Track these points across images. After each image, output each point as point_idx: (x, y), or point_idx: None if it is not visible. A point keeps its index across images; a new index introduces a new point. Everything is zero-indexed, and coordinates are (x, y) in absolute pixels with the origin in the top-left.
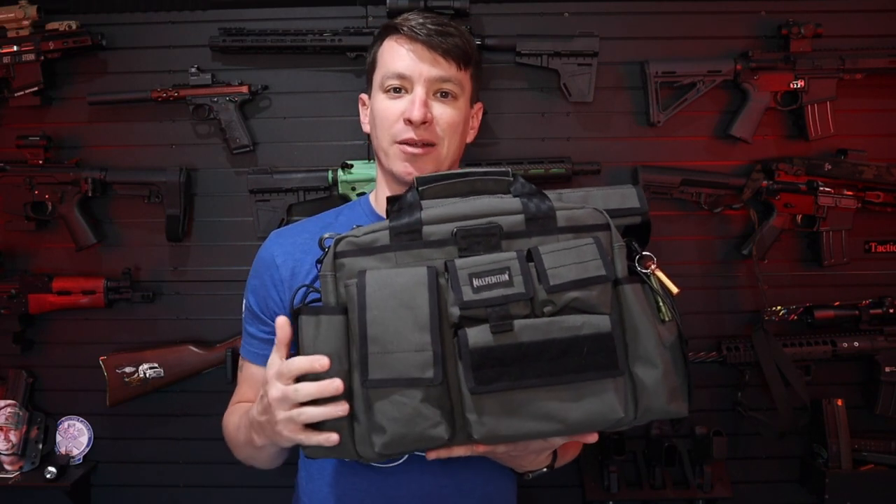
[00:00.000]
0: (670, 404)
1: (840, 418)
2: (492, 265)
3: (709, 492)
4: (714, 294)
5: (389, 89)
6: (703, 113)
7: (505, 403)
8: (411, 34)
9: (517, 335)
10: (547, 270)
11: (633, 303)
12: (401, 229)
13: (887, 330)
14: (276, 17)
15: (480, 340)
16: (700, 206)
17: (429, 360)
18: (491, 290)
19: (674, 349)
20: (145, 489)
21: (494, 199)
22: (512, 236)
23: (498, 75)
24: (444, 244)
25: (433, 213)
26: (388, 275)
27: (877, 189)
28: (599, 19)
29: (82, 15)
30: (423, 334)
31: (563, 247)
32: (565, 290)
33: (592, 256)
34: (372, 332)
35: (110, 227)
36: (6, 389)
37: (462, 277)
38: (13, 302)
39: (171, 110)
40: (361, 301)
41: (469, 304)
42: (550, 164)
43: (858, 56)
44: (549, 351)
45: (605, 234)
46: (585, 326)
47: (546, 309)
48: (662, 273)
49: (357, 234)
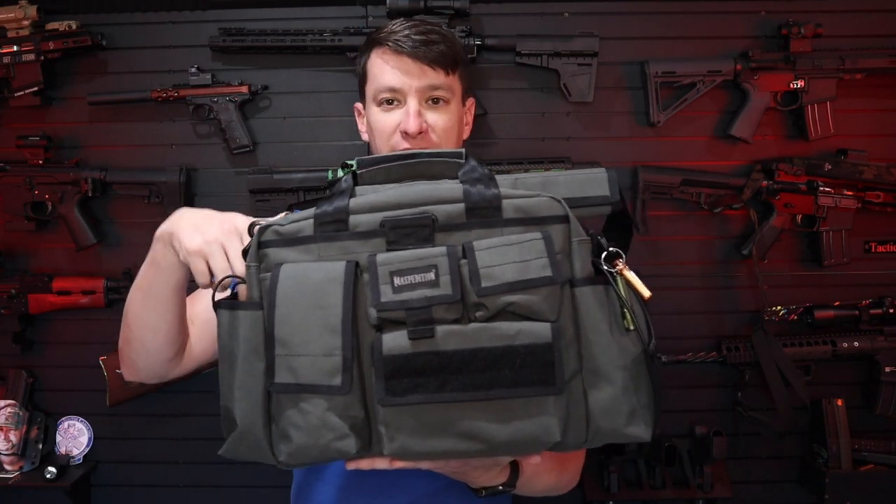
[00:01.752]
0: (627, 427)
1: (840, 418)
2: (416, 262)
3: (709, 492)
4: (714, 294)
5: (382, 102)
6: (703, 113)
7: (421, 418)
8: (396, 47)
9: (439, 342)
10: (480, 270)
11: (590, 308)
12: (325, 218)
13: (887, 330)
14: (276, 17)
15: (396, 347)
16: (700, 206)
17: (337, 366)
18: (412, 291)
19: (637, 364)
20: (145, 489)
21: (433, 186)
22: (449, 229)
23: (498, 75)
24: (371, 236)
25: (362, 200)
26: (304, 270)
27: (877, 189)
28: (599, 19)
29: (82, 15)
30: (333, 337)
31: (503, 242)
32: (500, 294)
33: (537, 254)
34: (279, 333)
35: (110, 227)
36: (6, 389)
37: (382, 275)
38: (13, 302)
39: (171, 110)
40: (271, 298)
41: (386, 306)
42: (550, 164)
43: (858, 56)
44: (476, 362)
45: (561, 228)
46: (521, 335)
47: (478, 314)
48: (632, 274)
49: (282, 223)
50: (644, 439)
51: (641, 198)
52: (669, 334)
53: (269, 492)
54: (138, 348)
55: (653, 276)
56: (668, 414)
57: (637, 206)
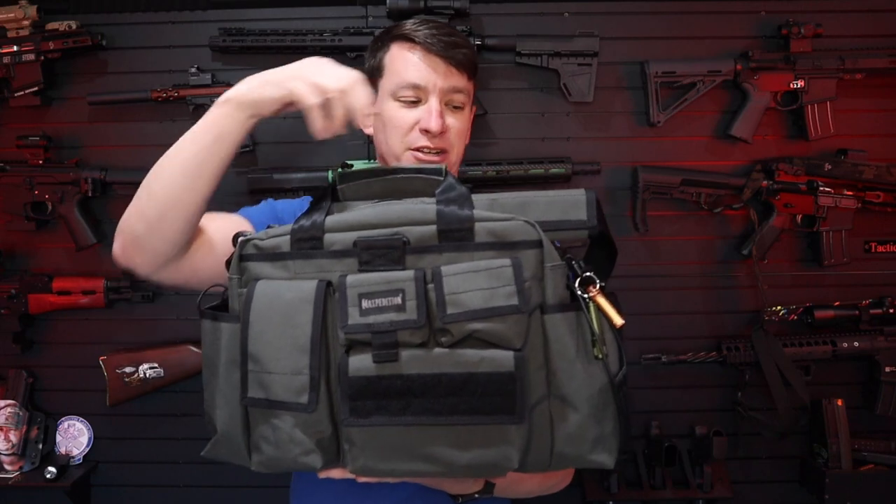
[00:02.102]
0: (591, 455)
1: (840, 418)
2: (384, 286)
3: (709, 492)
4: (714, 294)
5: (403, 98)
6: (703, 113)
7: (383, 439)
8: (426, 45)
9: (402, 366)
10: (446, 296)
11: (560, 335)
12: (301, 234)
13: (887, 330)
14: (276, 17)
15: (361, 369)
16: (700, 206)
17: (305, 385)
18: (379, 314)
19: (604, 393)
20: (145, 489)
21: (408, 205)
22: (421, 251)
23: (498, 75)
24: (344, 255)
25: (337, 218)
26: (277, 288)
27: (877, 189)
28: (599, 19)
29: (82, 15)
30: (301, 356)
31: (472, 268)
32: (465, 321)
33: (505, 282)
34: (252, 349)
35: (110, 227)
36: (6, 389)
37: (351, 297)
38: (13, 302)
39: (171, 110)
40: (245, 315)
41: (352, 329)
42: (550, 164)
43: (858, 56)
44: (438, 387)
45: (533, 253)
46: (483, 363)
47: (443, 339)
48: (606, 300)
49: (262, 238)
50: (607, 467)
51: (641, 198)
52: (669, 334)
53: (269, 492)
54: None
55: (653, 276)
56: (668, 414)
57: (637, 206)
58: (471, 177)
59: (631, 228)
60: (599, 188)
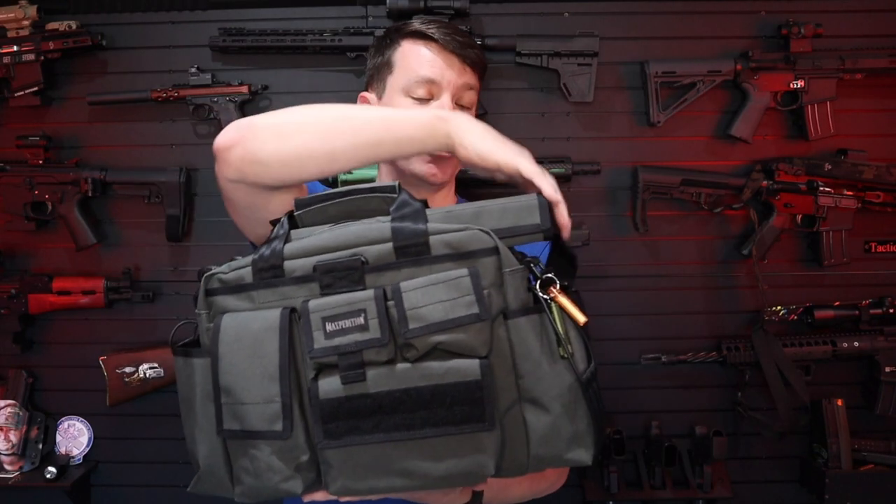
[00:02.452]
0: (568, 453)
1: (840, 418)
2: (346, 307)
3: (709, 492)
4: (714, 294)
5: (415, 94)
6: (703, 113)
7: (358, 458)
8: (442, 42)
9: (370, 385)
10: (407, 312)
11: (524, 338)
12: (261, 264)
13: (887, 330)
14: (276, 17)
15: (331, 391)
16: (700, 206)
17: (277, 413)
18: (344, 336)
19: (573, 391)
20: (145, 489)
21: (361, 226)
22: (380, 269)
23: (498, 75)
24: (306, 281)
25: (295, 246)
26: (243, 320)
27: (877, 189)
28: (599, 19)
29: (82, 15)
30: (272, 385)
31: (430, 282)
32: (427, 334)
33: (464, 292)
34: (223, 382)
35: (110, 227)
36: (6, 389)
37: (315, 322)
38: (13, 302)
39: (171, 110)
40: (214, 349)
41: (318, 353)
42: (550, 165)
43: (858, 56)
44: (407, 403)
45: (491, 260)
46: (449, 374)
47: (408, 354)
48: (567, 299)
49: (225, 272)
50: (586, 463)
51: (641, 198)
52: (669, 334)
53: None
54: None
55: (653, 276)
56: (668, 414)
57: (637, 206)
58: (471, 177)
59: (631, 228)
60: (599, 188)
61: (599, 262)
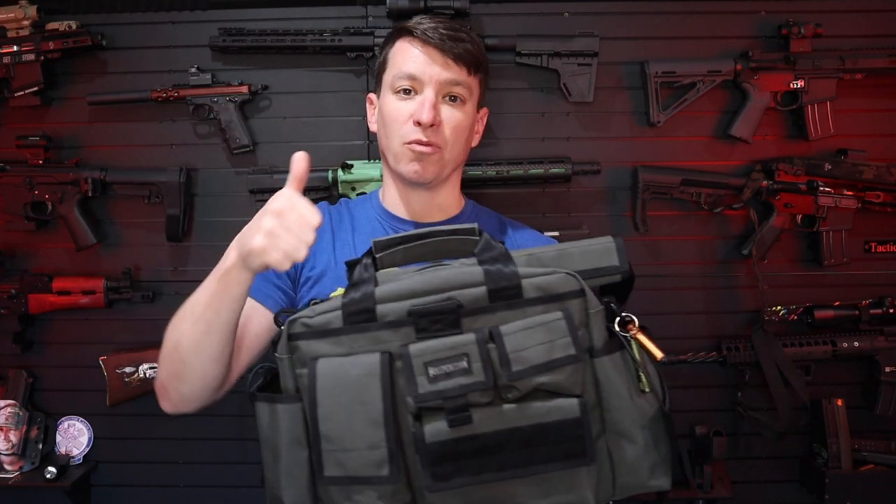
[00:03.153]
0: (650, 480)
1: (840, 418)
2: (448, 351)
3: (709, 492)
4: (714, 294)
5: (399, 90)
6: (703, 113)
7: (466, 498)
8: (424, 37)
9: (476, 427)
10: (509, 354)
11: (610, 376)
12: (353, 309)
13: (887, 330)
14: (276, 17)
15: (437, 435)
16: (700, 206)
17: (383, 458)
18: (448, 380)
19: (655, 421)
20: (145, 489)
21: (454, 271)
22: (474, 312)
23: (498, 75)
24: (400, 325)
25: (387, 289)
26: (340, 366)
27: (877, 189)
28: (599, 19)
29: (82, 15)
30: (376, 430)
31: (528, 325)
32: (530, 376)
33: (561, 334)
34: (324, 429)
35: (110, 227)
36: (6, 389)
37: (417, 366)
38: (13, 302)
39: (171, 110)
40: (312, 396)
41: (424, 398)
42: (550, 164)
43: (858, 56)
44: (512, 442)
45: (578, 302)
46: (552, 412)
47: (510, 395)
48: (645, 336)
49: (310, 315)
50: (666, 489)
51: (641, 198)
52: (669, 334)
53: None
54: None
55: (653, 276)
56: None
57: (637, 206)
58: (471, 177)
59: (631, 228)
60: (599, 188)
61: None
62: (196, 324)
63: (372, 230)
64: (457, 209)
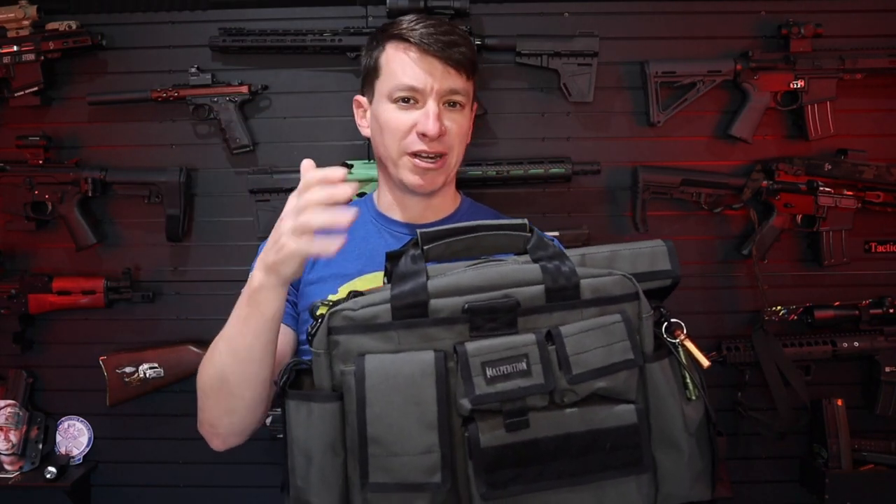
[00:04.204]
0: (692, 490)
1: (840, 418)
2: (507, 352)
3: None
4: (714, 294)
5: (399, 100)
6: (703, 113)
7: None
8: (422, 45)
9: (534, 431)
10: (569, 357)
11: (659, 382)
12: (404, 303)
13: (887, 330)
14: (276, 17)
15: (493, 439)
16: (700, 206)
17: (436, 464)
18: (506, 381)
19: (700, 430)
20: (145, 489)
21: (511, 267)
22: (531, 312)
23: (498, 75)
24: (453, 322)
25: (440, 283)
26: (392, 363)
27: (877, 189)
28: (599, 19)
29: (82, 15)
30: (429, 434)
31: (587, 326)
32: (590, 379)
33: (620, 337)
34: (373, 432)
35: (110, 227)
36: (6, 389)
37: (474, 366)
38: (13, 302)
39: (171, 110)
40: (361, 395)
41: (481, 399)
42: (550, 164)
43: (858, 56)
44: (569, 448)
45: (632, 305)
46: (609, 418)
47: (566, 399)
48: (692, 343)
49: (353, 308)
50: (706, 499)
51: (641, 198)
52: None
53: (269, 492)
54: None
55: None
56: None
57: (637, 206)
58: (471, 177)
59: (631, 228)
60: (599, 188)
61: None
62: (237, 354)
63: (366, 233)
64: (452, 208)
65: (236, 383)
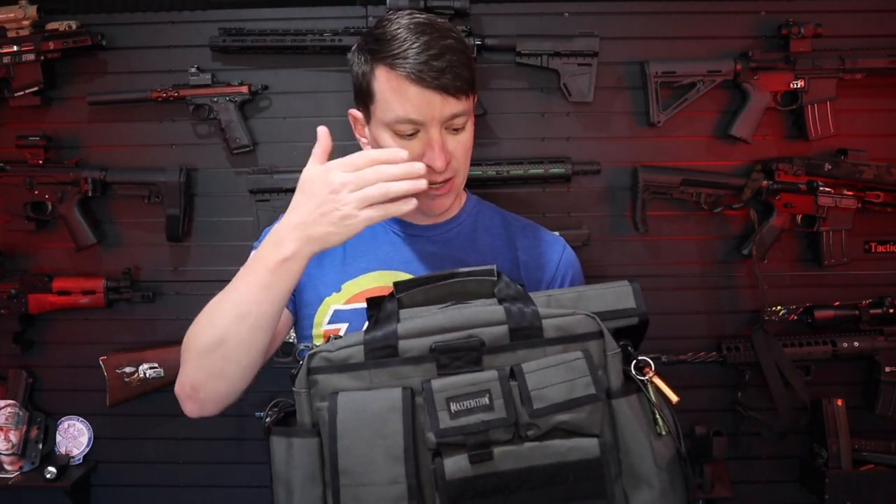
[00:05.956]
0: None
1: (840, 418)
2: (471, 387)
3: (709, 492)
4: (714, 294)
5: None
6: (703, 113)
7: None
8: (418, 77)
9: (497, 463)
10: (531, 392)
11: (627, 418)
12: (375, 344)
13: (887, 330)
14: (276, 17)
15: (458, 471)
16: (700, 206)
17: (403, 494)
18: (469, 416)
19: (672, 466)
20: (145, 489)
21: (476, 309)
22: (495, 350)
23: (498, 75)
24: (421, 361)
25: (409, 326)
26: (361, 399)
27: (877, 189)
28: (599, 19)
29: (82, 15)
30: (396, 465)
31: (549, 363)
32: (551, 414)
33: (581, 373)
34: (343, 464)
35: (110, 227)
36: (6, 389)
37: (439, 401)
38: (13, 302)
39: (171, 110)
40: (332, 430)
41: (445, 433)
42: (550, 164)
43: (858, 56)
44: (532, 480)
45: (597, 343)
46: (571, 452)
47: (530, 433)
48: (660, 380)
49: (331, 349)
50: None
51: (641, 198)
52: (669, 334)
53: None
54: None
55: (653, 276)
56: None
57: (637, 206)
58: (471, 177)
59: (631, 228)
60: (599, 188)
61: (599, 262)
62: (245, 319)
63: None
64: (457, 208)
65: (235, 348)
